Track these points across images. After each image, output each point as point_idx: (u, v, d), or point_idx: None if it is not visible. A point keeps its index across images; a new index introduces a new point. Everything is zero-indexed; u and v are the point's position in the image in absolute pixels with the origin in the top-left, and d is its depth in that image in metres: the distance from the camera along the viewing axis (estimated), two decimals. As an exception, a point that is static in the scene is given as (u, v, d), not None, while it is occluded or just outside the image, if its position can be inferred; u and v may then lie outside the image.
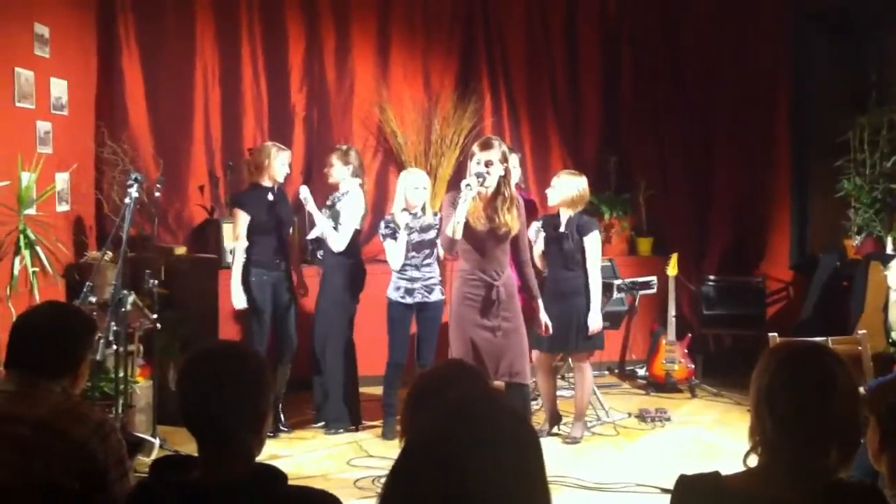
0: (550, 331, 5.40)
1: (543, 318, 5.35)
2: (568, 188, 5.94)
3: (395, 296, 6.02)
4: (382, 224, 6.05)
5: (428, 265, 6.05)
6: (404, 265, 5.97)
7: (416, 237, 5.96)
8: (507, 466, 1.42)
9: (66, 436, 2.54)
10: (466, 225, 4.89)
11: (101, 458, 2.58)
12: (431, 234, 6.04)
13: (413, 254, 5.97)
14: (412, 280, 6.00)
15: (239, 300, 5.95)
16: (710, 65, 8.37)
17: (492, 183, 4.94)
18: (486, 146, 4.96)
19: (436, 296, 6.08)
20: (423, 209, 6.04)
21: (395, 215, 6.01)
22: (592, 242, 5.94)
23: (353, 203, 6.13)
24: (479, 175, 4.88)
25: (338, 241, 6.06)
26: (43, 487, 2.51)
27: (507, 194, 5.00)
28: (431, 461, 1.43)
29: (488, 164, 4.90)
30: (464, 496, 1.38)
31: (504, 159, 4.97)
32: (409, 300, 6.01)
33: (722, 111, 8.32)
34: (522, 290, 5.27)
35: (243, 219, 5.98)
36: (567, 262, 5.89)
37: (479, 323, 5.03)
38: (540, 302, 5.34)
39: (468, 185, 4.84)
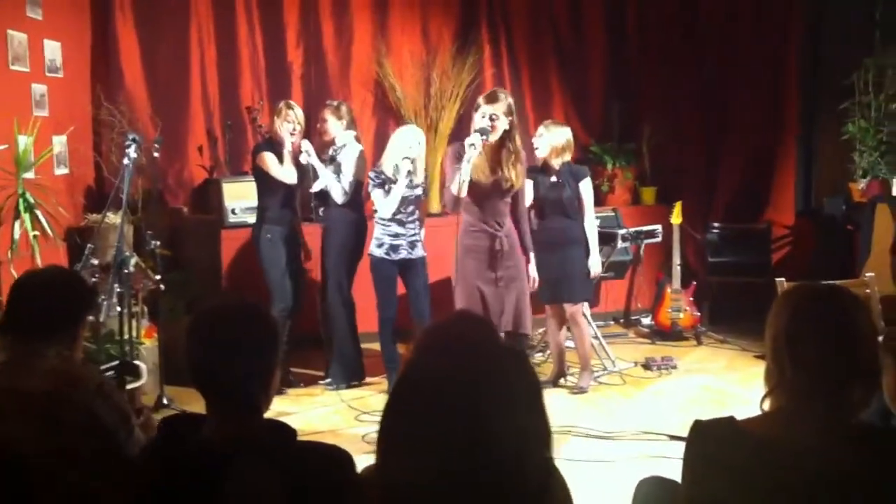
0: (536, 285, 5.39)
1: (533, 272, 5.34)
2: (556, 137, 5.91)
3: (378, 252, 5.96)
4: (372, 174, 5.98)
5: (412, 221, 6.00)
6: (390, 219, 5.92)
7: (406, 192, 5.91)
8: (503, 391, 1.40)
9: (69, 403, 2.52)
10: (470, 178, 4.85)
11: (109, 420, 2.57)
12: (418, 191, 6.00)
13: (401, 209, 5.93)
14: (396, 236, 5.94)
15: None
16: (720, 8, 8.25)
17: (496, 136, 4.90)
18: (491, 99, 4.91)
19: (418, 252, 6.02)
20: (415, 164, 5.97)
21: (384, 166, 5.95)
22: (587, 188, 5.96)
23: (351, 154, 6.09)
24: (482, 132, 4.83)
25: (341, 192, 6.03)
26: (55, 457, 2.50)
27: (511, 148, 4.96)
28: (431, 390, 1.40)
29: (493, 117, 4.86)
30: (463, 422, 1.36)
31: (510, 112, 4.93)
32: (393, 256, 5.96)
33: (732, 56, 8.19)
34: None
35: (271, 158, 5.96)
36: (566, 210, 5.87)
37: (483, 274, 5.03)
38: (532, 255, 5.33)
39: (472, 144, 4.79)
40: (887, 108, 6.77)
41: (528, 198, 5.84)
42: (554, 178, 5.88)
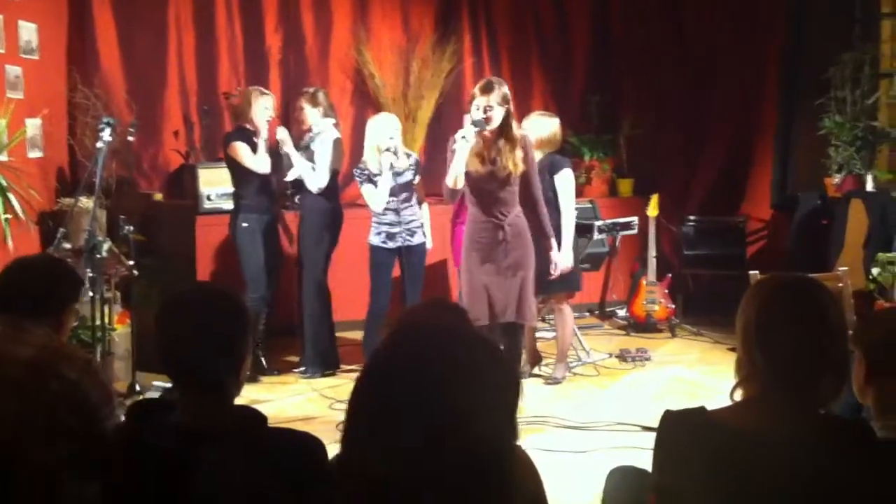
0: (558, 272, 5.37)
1: (555, 256, 5.30)
2: (539, 129, 5.88)
3: (376, 241, 5.96)
4: (357, 171, 5.96)
5: (407, 208, 5.98)
6: (384, 209, 5.91)
7: (392, 182, 5.89)
8: (470, 379, 1.38)
9: (59, 376, 2.57)
10: (467, 169, 4.85)
11: (94, 395, 2.62)
12: (408, 176, 5.97)
13: (391, 198, 5.91)
14: (392, 224, 5.94)
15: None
16: (702, 1, 8.26)
17: (493, 126, 4.89)
18: (486, 90, 4.89)
19: (418, 239, 6.02)
20: (396, 152, 5.94)
21: (368, 162, 5.93)
22: (564, 180, 5.88)
23: (327, 142, 6.07)
24: (476, 124, 4.82)
25: (315, 181, 6.00)
26: (44, 427, 2.52)
27: (508, 136, 4.95)
28: (397, 375, 1.39)
29: (487, 108, 4.85)
30: (428, 408, 1.34)
31: (505, 101, 4.92)
32: (391, 245, 5.95)
33: (713, 50, 8.20)
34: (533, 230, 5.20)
35: (243, 147, 5.92)
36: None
37: (489, 264, 5.00)
38: (553, 241, 5.29)
39: (464, 136, 4.79)
40: (863, 103, 6.80)
41: None
42: None
